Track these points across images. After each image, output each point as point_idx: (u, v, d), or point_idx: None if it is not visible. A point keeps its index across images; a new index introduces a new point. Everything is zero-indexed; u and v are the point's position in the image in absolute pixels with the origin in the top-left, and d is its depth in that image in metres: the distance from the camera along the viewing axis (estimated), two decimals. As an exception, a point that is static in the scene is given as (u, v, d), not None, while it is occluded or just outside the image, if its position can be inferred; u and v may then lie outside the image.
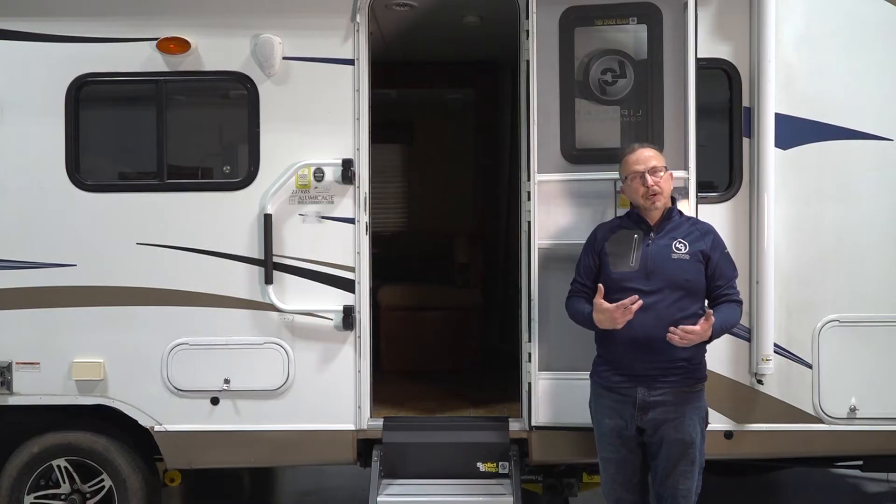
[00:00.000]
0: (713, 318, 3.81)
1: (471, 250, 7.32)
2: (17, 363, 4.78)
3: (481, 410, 5.26)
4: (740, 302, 4.02)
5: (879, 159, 4.70)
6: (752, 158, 4.66)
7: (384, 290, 6.51)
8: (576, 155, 4.52)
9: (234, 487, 6.73)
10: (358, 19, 4.74)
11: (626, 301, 3.80)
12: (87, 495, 4.86)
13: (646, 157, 4.00)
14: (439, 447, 4.76)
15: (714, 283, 3.96)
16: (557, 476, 4.98)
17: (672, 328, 3.78)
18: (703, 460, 4.02)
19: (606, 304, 3.84)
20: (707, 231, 4.03)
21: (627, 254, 3.97)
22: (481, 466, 4.70)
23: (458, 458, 4.71)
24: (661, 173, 3.97)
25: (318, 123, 4.75)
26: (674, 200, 4.10)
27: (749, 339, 4.69)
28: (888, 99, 4.70)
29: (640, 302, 3.81)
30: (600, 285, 3.91)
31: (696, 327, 3.78)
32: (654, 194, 3.95)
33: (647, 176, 3.94)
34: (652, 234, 3.98)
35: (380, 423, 4.81)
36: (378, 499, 4.56)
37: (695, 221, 4.11)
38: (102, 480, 4.85)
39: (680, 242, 3.95)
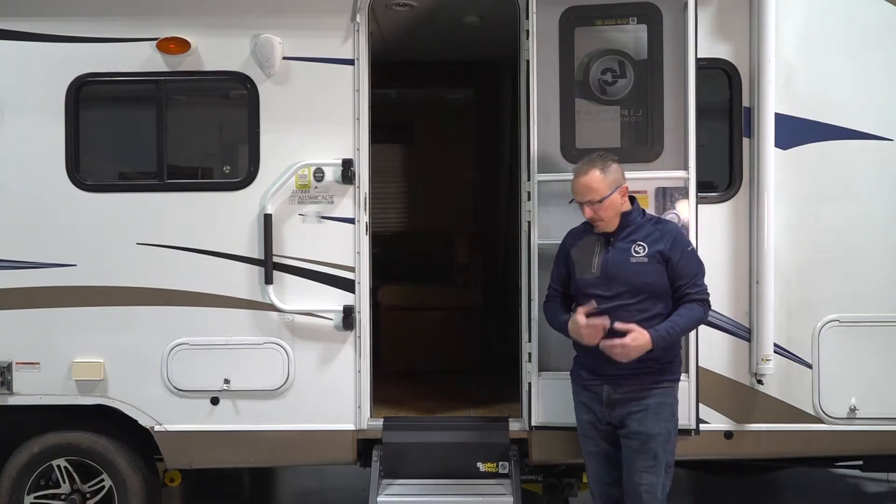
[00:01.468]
0: (639, 331, 3.79)
1: (471, 250, 7.32)
2: (17, 363, 4.78)
3: (481, 410, 5.26)
4: (702, 300, 3.95)
5: (879, 159, 4.71)
6: (752, 158, 4.66)
7: (384, 290, 6.51)
8: (576, 155, 4.50)
9: (234, 487, 6.73)
10: (358, 19, 4.74)
11: (596, 322, 3.83)
12: (87, 495, 4.86)
13: (582, 189, 3.94)
14: (439, 447, 4.76)
15: (676, 283, 3.93)
16: (557, 476, 4.99)
17: (602, 342, 3.82)
18: (669, 458, 3.97)
19: (580, 320, 3.87)
20: (668, 231, 3.99)
21: (590, 261, 4.00)
22: (481, 466, 4.70)
23: (458, 458, 4.71)
24: (598, 204, 3.91)
25: (318, 123, 4.75)
26: (633, 200, 4.05)
27: (749, 339, 4.69)
28: (888, 99, 4.70)
29: (606, 323, 3.82)
30: (593, 302, 3.90)
31: (621, 340, 3.78)
32: (595, 222, 3.98)
33: (585, 207, 3.95)
34: (612, 240, 3.98)
35: (380, 423, 4.81)
36: (378, 499, 4.55)
37: (657, 221, 4.05)
38: (102, 480, 4.85)
39: (639, 245, 3.93)
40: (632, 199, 4.05)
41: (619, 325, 3.81)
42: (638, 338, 3.79)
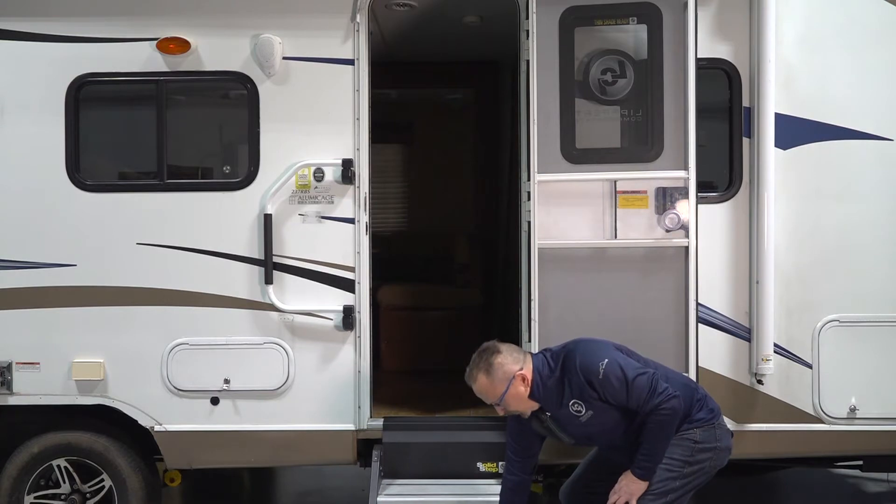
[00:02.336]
0: (625, 483, 3.74)
1: (471, 250, 7.32)
2: (17, 363, 4.78)
3: (481, 411, 5.24)
4: (656, 409, 3.65)
5: (879, 159, 4.71)
6: (752, 158, 4.66)
7: (384, 290, 6.51)
8: (576, 155, 4.52)
9: (234, 487, 6.73)
10: (358, 19, 4.74)
11: None
12: (87, 495, 4.86)
13: (479, 393, 3.91)
14: (439, 447, 4.76)
15: (630, 412, 3.75)
16: (557, 476, 4.98)
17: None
18: (662, 495, 3.78)
19: None
20: (575, 377, 3.74)
21: (556, 433, 3.94)
22: (481, 466, 4.70)
23: (458, 458, 4.71)
24: (500, 403, 3.84)
25: (318, 123, 4.75)
26: (540, 379, 3.83)
27: (749, 339, 4.69)
28: (888, 99, 4.71)
29: None
30: None
31: (616, 496, 3.76)
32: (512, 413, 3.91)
33: (496, 407, 3.91)
34: (547, 413, 3.89)
35: (380, 423, 4.81)
36: (378, 499, 4.55)
37: (564, 370, 3.79)
38: (102, 480, 4.85)
39: (574, 404, 3.77)
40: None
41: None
42: (631, 487, 3.74)
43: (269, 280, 4.71)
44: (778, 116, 4.63)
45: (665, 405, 3.67)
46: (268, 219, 4.70)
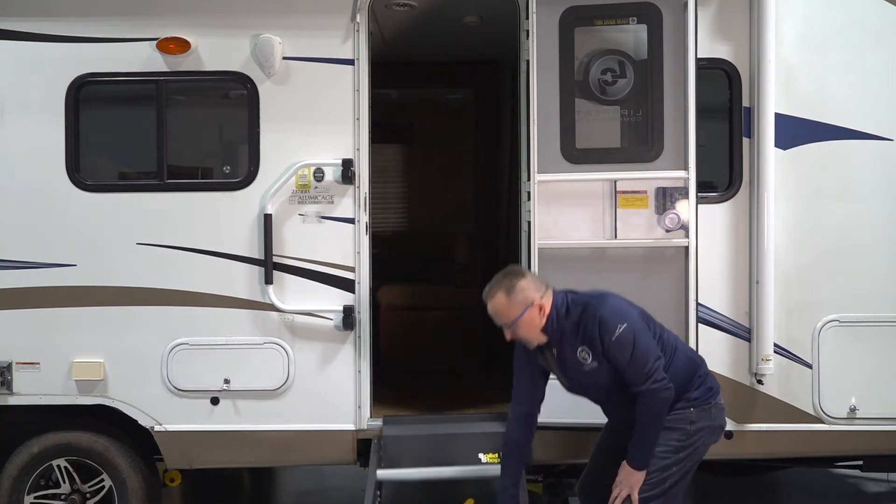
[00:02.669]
0: (624, 477, 3.75)
1: (471, 250, 7.32)
2: (17, 363, 4.78)
3: (482, 410, 5.26)
4: (647, 392, 3.67)
5: (879, 159, 4.71)
6: (752, 158, 4.66)
7: (384, 290, 6.51)
8: (576, 155, 4.52)
9: (234, 487, 6.73)
10: (358, 19, 4.74)
11: None
12: (87, 495, 4.86)
13: (492, 314, 3.87)
14: (440, 438, 4.72)
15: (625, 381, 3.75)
16: (557, 476, 4.99)
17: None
18: (667, 481, 3.79)
19: None
20: (592, 328, 3.73)
21: (555, 370, 3.95)
22: (483, 457, 4.67)
23: (459, 448, 4.66)
24: (511, 327, 3.81)
25: (318, 123, 4.75)
26: (556, 315, 3.80)
27: (749, 339, 4.69)
28: (888, 99, 4.71)
29: None
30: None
31: (619, 493, 3.76)
32: (519, 339, 3.90)
33: (504, 329, 3.89)
34: (553, 351, 3.88)
35: (380, 422, 4.80)
36: (378, 472, 4.52)
37: (584, 317, 3.76)
38: (102, 480, 4.85)
39: (584, 352, 3.77)
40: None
41: None
42: (627, 479, 3.74)
43: (269, 280, 4.71)
44: (778, 116, 4.63)
45: (656, 394, 3.67)
46: (268, 219, 4.70)
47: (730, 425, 4.71)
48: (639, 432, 3.73)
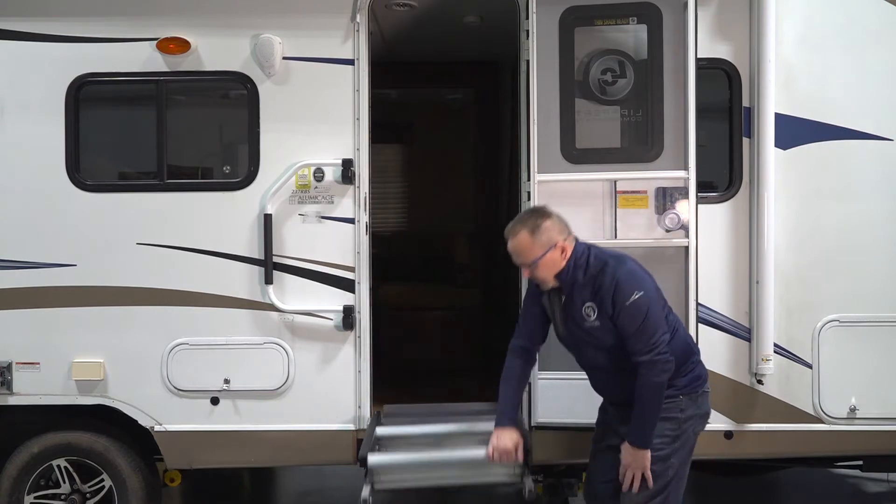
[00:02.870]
0: (624, 454, 3.75)
1: (471, 250, 7.32)
2: (17, 363, 4.78)
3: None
4: (650, 363, 3.64)
5: (879, 159, 4.71)
6: (752, 158, 4.66)
7: (384, 290, 6.51)
8: (576, 155, 4.52)
9: (234, 487, 6.73)
10: (358, 19, 4.74)
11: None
12: (87, 495, 4.86)
13: (512, 251, 3.82)
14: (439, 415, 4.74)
15: (626, 348, 3.71)
16: (557, 476, 4.98)
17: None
18: (666, 475, 3.78)
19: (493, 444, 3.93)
20: (608, 286, 3.68)
21: (556, 316, 3.92)
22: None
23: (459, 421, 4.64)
24: (532, 266, 3.77)
25: (318, 123, 4.75)
26: (575, 263, 3.78)
27: (749, 339, 4.69)
28: (888, 99, 4.71)
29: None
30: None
31: (625, 470, 3.76)
32: (533, 279, 3.89)
33: (522, 268, 3.89)
34: (562, 298, 3.86)
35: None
36: (378, 429, 4.50)
37: (601, 274, 3.73)
38: (102, 480, 4.85)
39: (590, 307, 3.74)
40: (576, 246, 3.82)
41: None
42: (630, 461, 3.73)
43: (269, 280, 4.71)
44: (778, 116, 4.63)
45: (657, 366, 3.64)
46: (268, 219, 4.70)
47: (730, 425, 4.72)
48: (638, 407, 3.70)
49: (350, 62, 4.74)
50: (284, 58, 4.73)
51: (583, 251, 3.82)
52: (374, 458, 4.31)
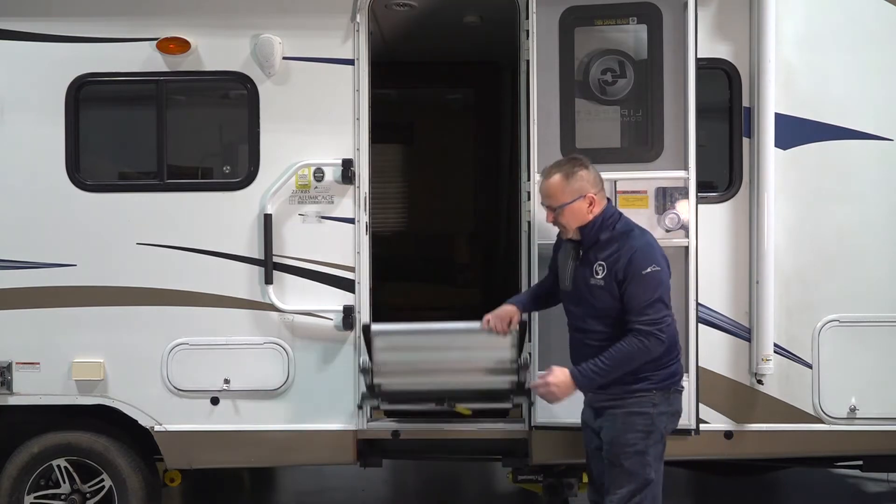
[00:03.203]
0: (557, 370, 3.74)
1: (471, 250, 7.32)
2: (17, 363, 4.78)
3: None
4: (642, 332, 3.66)
5: (879, 159, 4.71)
6: (752, 158, 4.66)
7: (384, 290, 6.50)
8: (576, 155, 4.51)
9: (234, 487, 6.73)
10: (358, 19, 4.74)
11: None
12: (87, 495, 4.86)
13: (542, 192, 3.90)
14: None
15: (625, 314, 3.73)
16: (557, 476, 4.98)
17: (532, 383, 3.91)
18: (644, 473, 3.77)
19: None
20: (627, 249, 3.72)
21: (566, 271, 3.96)
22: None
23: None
24: (558, 211, 3.83)
25: (318, 123, 4.75)
26: (609, 207, 3.86)
27: (749, 339, 4.69)
28: (888, 99, 4.70)
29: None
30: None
31: (543, 379, 3.77)
32: (558, 227, 3.93)
33: (546, 211, 3.93)
34: (580, 252, 3.89)
35: (380, 423, 4.80)
36: (374, 327, 4.45)
37: (622, 235, 3.78)
38: (102, 480, 4.85)
39: (600, 266, 3.77)
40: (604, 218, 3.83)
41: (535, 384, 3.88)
42: (558, 377, 3.73)
43: (269, 280, 4.71)
44: (778, 116, 4.62)
45: (650, 338, 3.66)
46: (268, 219, 4.70)
47: (730, 425, 4.72)
48: (607, 357, 3.68)
49: (350, 62, 4.74)
50: (284, 58, 4.73)
51: (613, 213, 3.87)
52: (376, 326, 4.40)
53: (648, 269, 3.69)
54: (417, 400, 4.54)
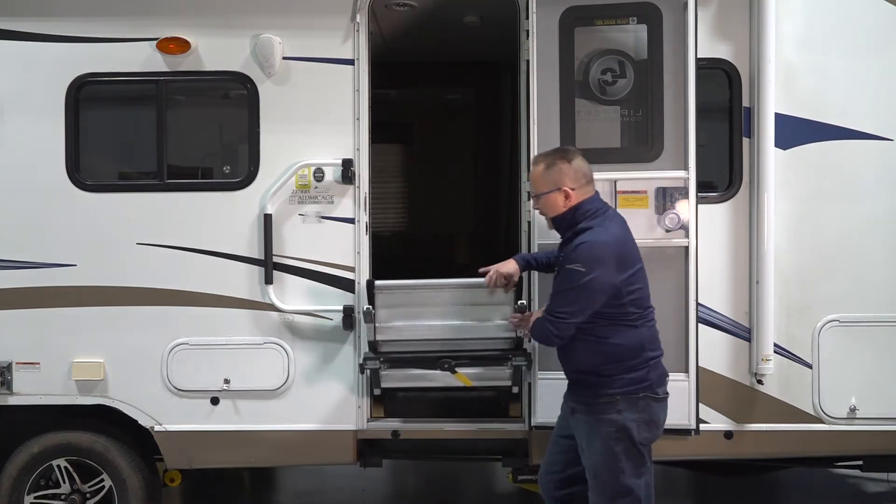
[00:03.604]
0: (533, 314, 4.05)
1: (471, 250, 7.31)
2: (17, 363, 4.78)
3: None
4: (545, 320, 3.81)
5: (879, 159, 4.71)
6: (752, 158, 4.66)
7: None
8: (576, 155, 4.51)
9: (234, 487, 6.73)
10: (358, 19, 4.74)
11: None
12: (87, 495, 4.86)
13: (530, 178, 4.04)
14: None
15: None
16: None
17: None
18: (618, 481, 3.76)
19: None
20: (574, 245, 3.78)
21: (558, 258, 4.02)
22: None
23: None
24: (536, 199, 3.97)
25: (318, 123, 4.75)
26: (573, 214, 3.86)
27: (749, 339, 4.69)
28: (888, 99, 4.70)
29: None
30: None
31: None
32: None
33: (533, 197, 4.05)
34: (561, 255, 3.94)
35: (379, 423, 4.80)
36: (377, 282, 4.54)
37: (581, 234, 3.80)
38: (102, 480, 4.85)
39: (562, 256, 3.90)
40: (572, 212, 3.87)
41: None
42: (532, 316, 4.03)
43: (269, 280, 4.71)
44: (778, 116, 4.63)
45: (545, 327, 3.82)
46: (268, 219, 4.70)
47: (730, 425, 4.72)
48: (536, 324, 3.93)
49: (350, 62, 4.74)
50: (284, 58, 4.73)
51: (588, 209, 3.85)
52: (380, 282, 4.53)
53: (574, 266, 3.71)
54: (417, 362, 4.58)
